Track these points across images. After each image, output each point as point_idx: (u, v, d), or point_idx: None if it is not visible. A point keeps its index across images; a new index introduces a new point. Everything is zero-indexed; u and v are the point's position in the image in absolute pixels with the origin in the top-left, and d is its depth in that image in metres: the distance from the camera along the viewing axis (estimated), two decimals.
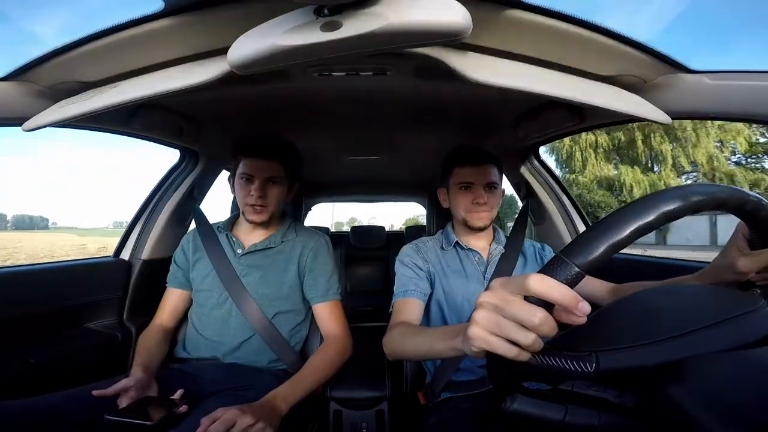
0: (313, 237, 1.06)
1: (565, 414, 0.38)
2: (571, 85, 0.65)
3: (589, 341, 0.39)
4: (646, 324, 0.40)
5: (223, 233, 1.04)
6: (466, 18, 0.46)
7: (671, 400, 0.32)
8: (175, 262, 1.06)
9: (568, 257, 0.35)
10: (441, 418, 0.79)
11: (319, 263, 1.02)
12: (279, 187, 0.98)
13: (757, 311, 0.37)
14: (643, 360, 0.36)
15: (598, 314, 0.44)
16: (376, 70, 0.77)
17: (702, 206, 0.36)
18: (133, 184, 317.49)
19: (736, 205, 0.39)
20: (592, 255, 0.34)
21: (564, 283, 0.34)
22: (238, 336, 0.94)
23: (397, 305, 0.88)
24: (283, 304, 0.98)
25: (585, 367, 0.37)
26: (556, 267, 0.35)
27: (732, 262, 0.55)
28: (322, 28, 0.48)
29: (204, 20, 0.57)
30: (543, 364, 0.39)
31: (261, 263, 1.00)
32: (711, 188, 0.37)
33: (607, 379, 0.38)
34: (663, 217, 0.35)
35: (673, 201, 0.35)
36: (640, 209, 0.35)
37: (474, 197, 0.91)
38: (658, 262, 1.11)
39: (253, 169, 0.95)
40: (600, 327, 0.42)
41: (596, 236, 0.35)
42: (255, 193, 0.94)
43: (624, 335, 0.39)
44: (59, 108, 0.70)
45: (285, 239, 1.03)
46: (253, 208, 0.95)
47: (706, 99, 0.67)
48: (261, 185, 0.94)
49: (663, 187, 1.33)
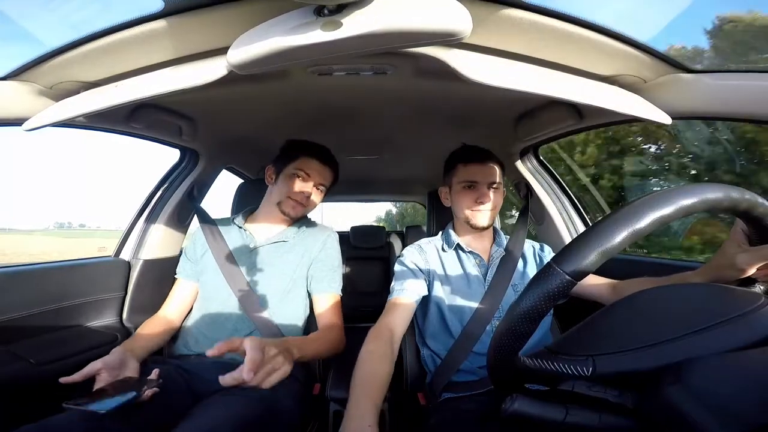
0: (324, 231, 1.10)
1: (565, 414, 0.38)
2: (570, 85, 0.65)
3: (586, 345, 0.39)
4: (643, 327, 0.40)
5: (235, 227, 1.06)
6: (466, 18, 0.46)
7: (671, 400, 0.32)
8: (185, 254, 1.08)
9: (559, 266, 0.35)
10: (441, 419, 0.79)
11: (326, 255, 1.05)
12: (320, 195, 1.07)
13: (756, 310, 0.37)
14: (639, 364, 0.36)
15: (595, 317, 0.44)
16: (376, 70, 0.77)
17: (694, 208, 0.36)
18: (77, 179, 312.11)
19: (729, 205, 0.39)
20: (582, 263, 0.35)
21: (555, 292, 0.35)
22: (237, 331, 0.94)
23: (389, 304, 0.89)
24: (285, 300, 0.98)
25: (582, 371, 0.37)
26: (548, 276, 0.36)
27: (731, 259, 0.54)
28: (323, 27, 0.48)
29: (204, 20, 0.57)
30: (541, 368, 0.39)
31: (272, 258, 1.01)
32: (702, 189, 0.37)
33: (606, 380, 0.38)
34: (655, 221, 0.35)
35: (664, 205, 0.35)
36: (630, 215, 0.35)
37: (477, 196, 0.91)
38: (657, 262, 1.11)
39: (311, 168, 1.01)
40: (597, 331, 0.42)
41: (587, 244, 0.35)
42: (307, 191, 1.01)
43: (621, 339, 0.39)
44: (59, 108, 0.70)
45: (297, 235, 1.06)
46: (297, 203, 1.01)
47: (706, 99, 0.67)
48: (313, 186, 1.02)
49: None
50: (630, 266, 1.12)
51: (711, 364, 0.33)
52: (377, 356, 0.74)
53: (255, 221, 1.08)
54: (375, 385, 0.67)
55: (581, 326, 0.43)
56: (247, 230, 1.05)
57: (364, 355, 0.74)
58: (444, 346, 0.89)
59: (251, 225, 1.07)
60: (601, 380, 0.38)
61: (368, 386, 0.67)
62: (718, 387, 0.31)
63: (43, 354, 0.89)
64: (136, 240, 1.23)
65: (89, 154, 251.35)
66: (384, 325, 0.82)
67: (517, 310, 0.37)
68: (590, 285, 0.90)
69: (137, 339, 0.90)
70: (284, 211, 1.01)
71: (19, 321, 0.90)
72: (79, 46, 0.62)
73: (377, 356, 0.74)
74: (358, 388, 0.67)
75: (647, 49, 0.63)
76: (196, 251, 1.05)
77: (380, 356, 0.74)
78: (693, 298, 0.43)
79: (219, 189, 1.52)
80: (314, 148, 1.03)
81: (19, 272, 0.96)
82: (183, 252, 1.09)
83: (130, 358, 0.78)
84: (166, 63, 0.66)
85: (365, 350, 0.75)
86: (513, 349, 0.39)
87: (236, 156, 1.46)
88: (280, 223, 1.06)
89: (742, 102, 0.63)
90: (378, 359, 0.73)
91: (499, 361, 0.41)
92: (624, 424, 0.37)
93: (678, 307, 0.42)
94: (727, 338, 0.35)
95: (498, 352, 0.41)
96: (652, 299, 0.44)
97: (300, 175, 1.00)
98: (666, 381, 0.34)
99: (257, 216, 1.08)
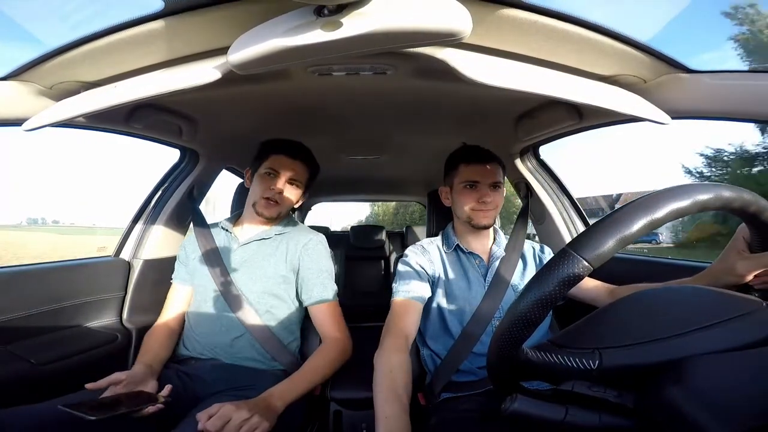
0: (307, 234, 1.06)
1: (565, 414, 0.38)
2: (570, 84, 0.65)
3: (592, 339, 0.39)
4: (648, 323, 0.40)
5: (222, 230, 1.06)
6: (466, 18, 0.46)
7: (671, 400, 0.32)
8: (179, 258, 1.08)
9: (576, 251, 0.34)
10: (441, 419, 0.79)
11: (312, 261, 1.01)
12: (296, 189, 1.03)
13: (758, 312, 0.37)
14: (646, 358, 0.36)
15: (600, 313, 0.44)
16: (376, 70, 0.77)
17: (708, 205, 0.36)
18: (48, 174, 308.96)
19: (740, 206, 0.39)
20: (600, 249, 0.34)
21: (572, 276, 0.34)
22: (229, 333, 0.94)
23: (397, 305, 0.86)
24: (274, 301, 0.98)
25: (588, 365, 0.36)
26: (565, 261, 0.35)
27: (731, 265, 0.55)
28: (323, 27, 0.48)
29: (204, 20, 0.57)
30: (545, 361, 0.38)
31: (254, 255, 1.01)
32: (717, 188, 0.37)
33: (608, 378, 0.37)
34: (671, 213, 0.35)
35: (681, 198, 0.35)
36: (649, 205, 0.35)
37: (479, 196, 0.91)
38: (657, 261, 1.11)
39: (280, 165, 0.99)
40: (602, 325, 0.42)
41: (605, 230, 0.34)
42: (275, 188, 0.98)
43: (627, 333, 0.39)
44: (59, 108, 0.70)
45: (279, 233, 1.05)
46: (268, 201, 0.99)
47: (706, 99, 0.67)
48: (283, 182, 0.99)
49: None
50: (630, 266, 1.12)
51: (711, 364, 0.33)
52: (398, 365, 0.71)
53: (239, 224, 1.08)
54: (405, 395, 0.66)
55: (585, 320, 0.43)
56: (231, 232, 1.05)
57: (394, 367, 0.71)
58: (444, 346, 0.89)
59: (236, 228, 1.07)
60: (603, 377, 0.37)
61: (402, 398, 0.65)
62: (718, 387, 0.31)
63: (43, 354, 0.89)
64: (137, 240, 1.23)
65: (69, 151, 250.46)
66: (400, 331, 0.80)
67: (529, 295, 0.36)
68: (589, 288, 0.90)
69: (152, 354, 0.90)
70: (258, 211, 1.00)
71: (19, 321, 0.90)
72: (79, 46, 0.62)
73: (398, 365, 0.71)
74: (394, 404, 0.63)
75: (647, 49, 0.63)
76: (187, 255, 1.06)
77: (401, 367, 0.72)
78: (697, 297, 0.43)
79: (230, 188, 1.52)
80: (282, 145, 1.01)
81: (19, 272, 0.96)
82: (178, 255, 1.09)
83: (150, 377, 0.81)
84: (166, 63, 0.66)
85: (391, 362, 0.72)
86: (519, 338, 0.38)
87: (236, 156, 1.46)
88: (262, 224, 1.05)
89: (742, 102, 0.63)
90: (400, 368, 0.71)
91: (502, 351, 0.40)
92: (624, 424, 0.37)
93: (683, 305, 0.42)
94: (732, 335, 0.35)
95: (502, 342, 0.39)
96: (657, 297, 0.44)
97: (270, 173, 0.99)
98: (666, 381, 0.34)
99: (241, 219, 1.08)
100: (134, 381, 0.76)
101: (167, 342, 0.96)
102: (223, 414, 0.64)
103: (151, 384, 0.79)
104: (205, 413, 0.64)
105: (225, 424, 0.63)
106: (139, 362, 0.84)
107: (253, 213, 1.01)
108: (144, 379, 0.79)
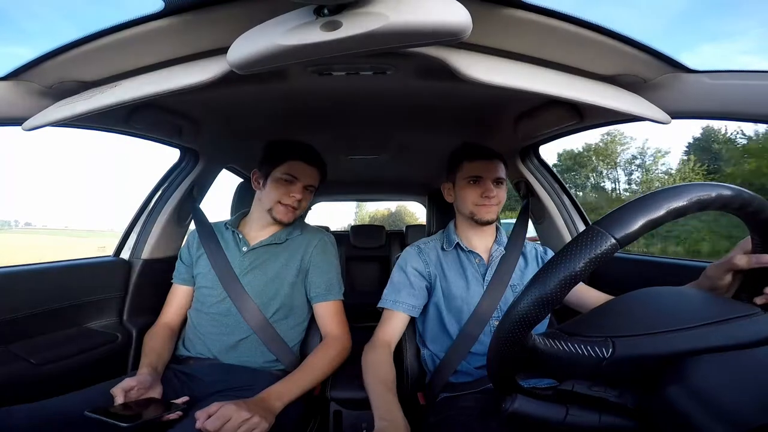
0: (318, 234, 1.07)
1: (565, 414, 0.38)
2: (571, 84, 0.65)
3: (603, 327, 0.39)
4: (660, 315, 0.40)
5: (229, 230, 1.05)
6: (466, 18, 0.46)
7: (671, 400, 0.32)
8: (180, 258, 1.07)
9: (606, 229, 0.34)
10: (440, 418, 0.79)
11: (323, 260, 1.02)
12: (310, 195, 1.04)
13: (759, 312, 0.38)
14: (660, 348, 0.36)
15: (610, 304, 0.44)
16: (376, 70, 0.77)
17: (730, 202, 0.38)
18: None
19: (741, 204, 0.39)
20: (629, 228, 0.34)
21: (599, 255, 0.33)
22: (235, 334, 0.94)
23: (385, 315, 0.92)
24: (283, 304, 0.98)
25: (600, 353, 0.36)
26: (591, 238, 0.34)
27: (731, 258, 0.54)
28: (322, 27, 0.48)
29: (204, 20, 0.57)
30: (553, 349, 0.37)
31: (264, 260, 1.00)
32: (739, 189, 0.38)
33: (615, 371, 0.37)
34: (695, 204, 0.36)
35: (705, 191, 0.36)
36: (677, 193, 0.36)
37: (483, 191, 0.91)
38: (658, 261, 1.11)
39: (298, 171, 0.98)
40: (615, 315, 0.42)
41: (634, 211, 0.35)
42: (296, 195, 0.98)
43: (639, 323, 0.39)
44: (59, 108, 0.70)
45: (290, 237, 1.04)
46: (288, 208, 0.98)
47: (707, 99, 0.67)
48: (301, 189, 0.99)
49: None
50: (630, 266, 1.12)
51: (711, 364, 0.33)
52: (383, 360, 0.82)
53: (247, 225, 1.07)
54: (390, 381, 0.77)
55: (595, 311, 0.43)
56: (240, 233, 1.04)
57: (371, 362, 0.81)
58: (443, 347, 0.89)
59: (244, 228, 1.06)
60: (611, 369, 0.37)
61: (387, 383, 0.76)
62: (719, 387, 0.31)
63: (43, 354, 0.89)
64: (137, 240, 1.23)
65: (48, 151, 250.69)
66: (379, 340, 0.88)
67: (556, 273, 0.34)
68: (590, 297, 0.90)
69: (155, 356, 0.89)
70: (276, 217, 0.99)
71: (19, 321, 0.91)
72: (79, 45, 0.62)
73: (383, 360, 0.82)
74: (380, 386, 0.74)
75: (647, 49, 0.63)
76: (191, 255, 1.05)
77: (385, 361, 0.82)
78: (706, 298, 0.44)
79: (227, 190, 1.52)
80: (299, 150, 1.00)
81: (19, 272, 0.96)
82: (179, 255, 1.08)
83: (158, 381, 0.81)
84: (165, 63, 0.66)
85: (370, 359, 0.82)
86: (535, 318, 0.36)
87: (236, 156, 1.46)
88: (271, 227, 1.04)
89: (742, 102, 0.63)
90: (385, 362, 0.82)
91: (511, 334, 0.37)
92: (624, 424, 0.37)
93: (693, 301, 0.42)
94: (741, 332, 0.36)
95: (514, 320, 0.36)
96: (666, 293, 0.45)
97: (288, 180, 0.97)
98: (666, 381, 0.34)
99: (249, 221, 1.07)
100: (144, 387, 0.76)
101: (169, 343, 0.96)
102: (223, 414, 0.63)
103: (159, 389, 0.79)
104: (204, 412, 0.64)
105: (224, 424, 0.63)
106: (145, 365, 0.83)
107: (265, 216, 1.01)
108: (153, 384, 0.79)
